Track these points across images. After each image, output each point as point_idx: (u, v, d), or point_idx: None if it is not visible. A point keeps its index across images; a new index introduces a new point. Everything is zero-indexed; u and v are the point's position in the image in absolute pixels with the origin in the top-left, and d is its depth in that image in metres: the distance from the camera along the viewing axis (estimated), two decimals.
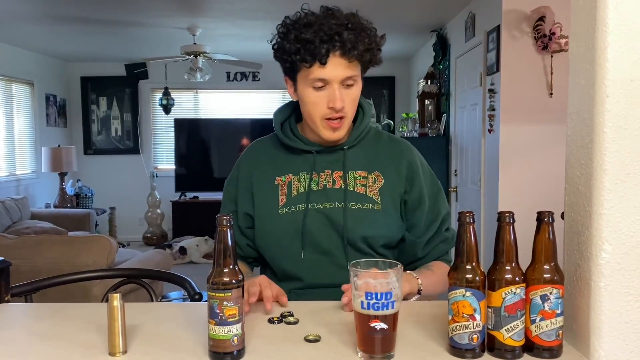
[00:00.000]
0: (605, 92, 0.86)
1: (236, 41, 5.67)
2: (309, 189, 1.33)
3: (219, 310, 0.87)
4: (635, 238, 0.86)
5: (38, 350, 0.96)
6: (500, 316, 0.88)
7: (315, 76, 1.23)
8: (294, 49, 1.22)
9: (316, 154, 1.35)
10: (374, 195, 1.32)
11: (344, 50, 1.21)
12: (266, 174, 1.38)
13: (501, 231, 0.89)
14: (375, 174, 1.34)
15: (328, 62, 1.21)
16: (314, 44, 1.20)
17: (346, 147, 1.35)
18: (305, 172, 1.35)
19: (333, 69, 1.22)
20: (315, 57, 1.20)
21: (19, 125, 6.07)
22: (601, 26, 0.86)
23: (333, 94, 1.24)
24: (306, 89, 1.26)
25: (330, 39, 1.20)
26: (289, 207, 1.33)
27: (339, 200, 1.31)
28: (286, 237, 1.32)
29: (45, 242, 3.22)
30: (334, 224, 1.31)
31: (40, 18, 4.69)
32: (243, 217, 1.39)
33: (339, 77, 1.23)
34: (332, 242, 1.31)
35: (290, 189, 1.34)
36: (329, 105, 1.25)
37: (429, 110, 5.29)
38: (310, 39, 1.20)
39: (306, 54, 1.21)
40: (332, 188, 1.33)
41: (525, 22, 3.47)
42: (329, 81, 1.23)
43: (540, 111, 3.51)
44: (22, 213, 5.23)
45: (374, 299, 0.87)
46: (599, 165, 0.87)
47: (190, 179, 6.84)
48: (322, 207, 1.31)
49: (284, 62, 1.28)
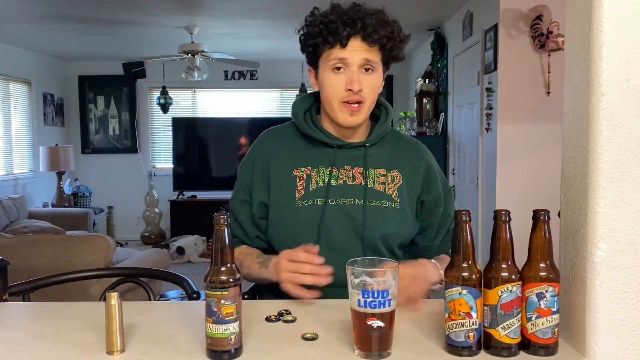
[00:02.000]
0: (600, 91, 0.86)
1: (234, 40, 5.67)
2: (329, 183, 1.33)
3: (216, 308, 0.87)
4: (630, 236, 0.87)
5: (36, 349, 0.96)
6: (497, 314, 0.88)
7: (335, 57, 1.26)
8: (317, 31, 1.26)
9: (337, 149, 1.35)
10: (393, 193, 1.33)
11: (365, 34, 1.24)
12: (283, 164, 1.37)
13: (497, 229, 0.90)
14: (394, 172, 1.35)
15: (348, 44, 1.24)
16: (336, 25, 1.23)
17: (368, 145, 1.36)
18: (324, 167, 1.34)
19: (353, 52, 1.25)
20: (337, 37, 1.24)
21: (17, 125, 6.06)
22: (596, 25, 0.86)
23: (351, 76, 1.26)
24: (326, 72, 1.28)
25: (353, 22, 1.24)
26: (306, 200, 1.32)
27: (359, 197, 1.31)
28: (302, 231, 1.31)
29: (43, 241, 3.22)
30: (353, 220, 1.30)
31: (38, 17, 4.68)
32: (258, 207, 1.37)
33: (358, 59, 1.25)
34: (349, 238, 1.30)
35: (309, 182, 1.33)
36: (347, 87, 1.26)
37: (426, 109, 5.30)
38: (333, 20, 1.24)
39: (328, 34, 1.24)
40: (351, 184, 1.33)
41: (522, 20, 3.47)
42: (349, 63, 1.26)
43: (537, 110, 3.52)
44: (20, 212, 5.22)
45: (370, 297, 0.88)
46: (595, 164, 0.87)
47: (188, 178, 6.84)
48: (340, 202, 1.31)
49: (307, 47, 1.31)
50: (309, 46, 1.30)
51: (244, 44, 5.86)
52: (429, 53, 5.41)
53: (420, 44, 5.92)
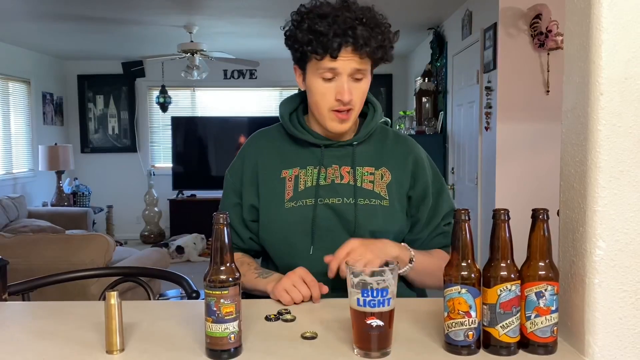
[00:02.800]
0: (599, 89, 0.86)
1: (233, 39, 5.67)
2: (317, 183, 1.32)
3: (215, 308, 0.87)
4: (629, 235, 0.87)
5: (35, 348, 0.96)
6: (496, 313, 0.88)
7: (325, 68, 1.23)
8: (306, 39, 1.22)
9: (324, 148, 1.34)
10: (382, 191, 1.33)
11: (357, 46, 1.20)
12: (272, 165, 1.37)
13: (496, 228, 0.90)
14: (383, 170, 1.34)
15: (339, 56, 1.21)
16: (327, 37, 1.19)
17: (355, 143, 1.35)
18: (312, 167, 1.34)
19: (344, 63, 1.22)
20: (327, 50, 1.20)
21: (16, 124, 6.06)
22: (595, 24, 0.86)
23: (341, 86, 1.23)
24: (315, 80, 1.26)
25: (343, 33, 1.19)
26: (295, 201, 1.32)
27: (348, 195, 1.31)
28: (293, 232, 1.31)
29: (43, 240, 3.22)
30: (343, 219, 1.30)
31: (37, 16, 4.68)
32: (248, 210, 1.37)
33: (348, 70, 1.23)
34: (340, 238, 1.29)
35: (297, 183, 1.33)
36: (337, 97, 1.24)
37: (426, 107, 5.30)
38: (323, 31, 1.19)
39: (318, 46, 1.20)
40: (339, 183, 1.32)
41: (521, 19, 3.47)
42: (339, 73, 1.23)
43: (536, 109, 3.52)
44: (19, 212, 5.22)
45: (370, 296, 0.88)
46: (594, 163, 0.87)
47: (187, 177, 6.84)
48: (330, 202, 1.31)
49: (294, 50, 1.27)
50: (296, 50, 1.26)
51: (244, 43, 5.86)
52: (429, 52, 5.41)
53: (420, 42, 5.92)
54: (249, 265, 1.35)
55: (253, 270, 1.33)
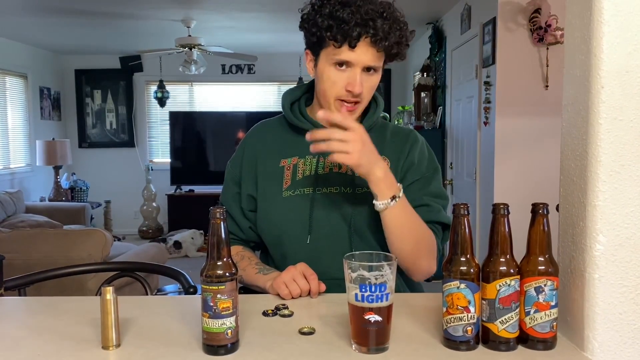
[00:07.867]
0: (600, 83, 0.85)
1: (231, 33, 5.64)
2: (316, 172, 1.32)
3: (212, 303, 0.87)
4: (630, 230, 0.86)
5: (31, 343, 0.95)
6: (495, 308, 0.88)
7: (341, 57, 1.22)
8: (326, 24, 1.21)
9: None
10: None
11: (376, 39, 1.20)
12: (271, 155, 1.37)
13: (496, 223, 0.89)
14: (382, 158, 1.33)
15: (357, 46, 1.20)
16: (348, 25, 1.18)
17: None
18: (311, 156, 1.33)
19: (360, 54, 1.21)
20: (346, 38, 1.19)
21: (13, 119, 6.04)
22: (596, 17, 0.85)
23: (354, 77, 1.23)
24: (327, 67, 1.25)
25: (364, 23, 1.19)
26: (293, 190, 1.31)
27: (345, 184, 1.31)
28: (290, 221, 1.30)
29: (40, 235, 3.21)
30: (340, 208, 1.30)
31: (34, 10, 4.65)
32: (246, 200, 1.38)
33: (364, 62, 1.22)
34: (337, 227, 1.29)
35: (296, 171, 1.33)
36: (347, 88, 1.24)
37: (424, 102, 5.29)
38: (345, 18, 1.18)
39: (338, 33, 1.19)
40: (337, 172, 1.32)
41: (521, 14, 3.46)
42: (353, 64, 1.22)
43: (535, 104, 3.51)
44: (17, 207, 5.21)
45: (368, 292, 0.87)
46: (594, 157, 0.86)
47: (185, 172, 6.82)
48: (327, 191, 1.30)
49: (311, 35, 1.26)
50: (313, 35, 1.25)
51: (242, 38, 5.83)
52: (427, 47, 5.39)
53: (418, 37, 5.90)
54: (250, 260, 1.35)
55: (254, 266, 1.32)
